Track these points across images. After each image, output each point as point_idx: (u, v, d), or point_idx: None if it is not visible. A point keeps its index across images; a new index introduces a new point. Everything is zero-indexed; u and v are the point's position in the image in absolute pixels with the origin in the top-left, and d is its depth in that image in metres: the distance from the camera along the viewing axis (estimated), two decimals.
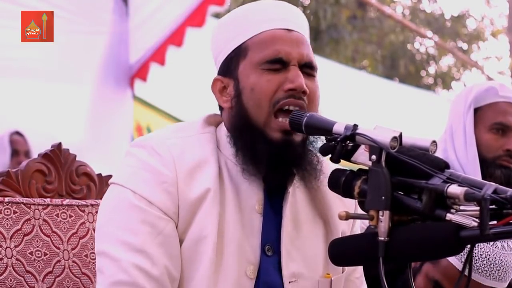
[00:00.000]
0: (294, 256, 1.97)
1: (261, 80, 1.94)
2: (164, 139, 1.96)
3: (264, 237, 1.96)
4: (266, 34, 1.98)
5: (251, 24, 2.00)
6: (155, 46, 6.46)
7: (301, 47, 1.99)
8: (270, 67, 1.95)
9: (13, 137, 5.61)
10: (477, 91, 3.05)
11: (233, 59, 1.99)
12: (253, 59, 1.96)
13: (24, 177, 2.19)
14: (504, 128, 3.01)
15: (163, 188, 1.89)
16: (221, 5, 6.46)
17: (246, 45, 1.98)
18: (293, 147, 1.93)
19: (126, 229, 1.87)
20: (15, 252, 2.08)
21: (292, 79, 1.94)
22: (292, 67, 1.95)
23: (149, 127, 6.83)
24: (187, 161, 1.93)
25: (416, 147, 1.73)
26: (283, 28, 1.99)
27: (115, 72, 6.44)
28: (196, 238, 1.90)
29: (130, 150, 1.97)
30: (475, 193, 1.59)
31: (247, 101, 1.95)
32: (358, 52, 15.83)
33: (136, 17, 6.49)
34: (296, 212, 2.00)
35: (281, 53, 1.95)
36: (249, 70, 1.97)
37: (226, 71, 2.01)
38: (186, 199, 1.90)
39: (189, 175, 1.91)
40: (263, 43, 1.97)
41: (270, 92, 1.93)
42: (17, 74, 5.79)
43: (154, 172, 1.90)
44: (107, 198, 1.97)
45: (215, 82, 2.02)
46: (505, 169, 2.99)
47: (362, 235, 1.86)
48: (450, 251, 1.67)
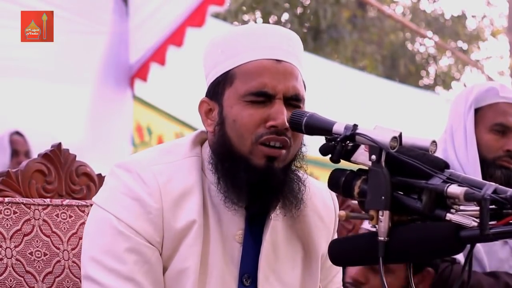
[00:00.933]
0: (271, 281, 1.98)
1: (243, 113, 1.92)
2: (150, 164, 1.93)
3: (243, 266, 1.96)
4: (254, 64, 1.94)
5: (240, 51, 1.95)
6: (155, 46, 6.47)
7: (289, 79, 1.95)
8: (254, 100, 1.92)
9: (13, 137, 5.61)
10: (478, 91, 3.05)
11: (220, 84, 1.97)
12: (238, 89, 1.93)
13: (24, 177, 2.19)
14: (505, 129, 3.01)
15: (148, 218, 1.88)
16: (221, 5, 6.46)
17: (233, 73, 1.95)
18: (275, 174, 1.92)
19: (113, 256, 1.87)
20: (15, 252, 2.08)
21: (275, 116, 1.91)
22: (277, 101, 1.92)
23: (149, 127, 6.83)
24: (173, 191, 1.91)
25: (416, 147, 1.73)
26: (272, 59, 1.95)
27: (115, 72, 6.45)
28: (179, 269, 1.90)
29: (115, 170, 1.95)
30: (475, 193, 1.59)
31: (230, 131, 1.94)
32: (358, 52, 15.82)
33: (136, 17, 6.49)
34: (276, 236, 2.00)
35: (266, 86, 1.92)
36: (233, 100, 1.94)
37: (213, 94, 1.98)
38: (171, 229, 1.89)
39: (174, 205, 1.90)
40: (250, 74, 1.93)
41: (252, 127, 1.91)
42: (17, 74, 5.80)
43: (140, 200, 1.89)
44: (91, 220, 1.95)
45: (202, 104, 2.00)
46: (505, 169, 2.99)
47: (362, 235, 1.86)
48: (450, 251, 1.67)
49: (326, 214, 2.08)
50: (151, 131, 6.82)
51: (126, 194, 1.90)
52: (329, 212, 2.09)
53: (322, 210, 2.08)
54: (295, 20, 14.41)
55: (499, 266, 2.98)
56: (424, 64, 17.77)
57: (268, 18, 14.57)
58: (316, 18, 14.17)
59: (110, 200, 1.92)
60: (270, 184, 1.92)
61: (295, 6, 14.60)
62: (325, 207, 2.09)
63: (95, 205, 1.95)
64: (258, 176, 1.91)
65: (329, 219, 2.09)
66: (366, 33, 15.91)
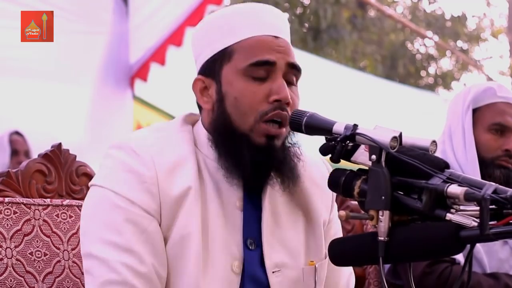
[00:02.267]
0: (276, 247, 1.99)
1: (246, 90, 1.93)
2: (142, 139, 1.96)
3: (245, 232, 1.97)
4: (254, 39, 1.96)
5: (238, 28, 1.98)
6: (155, 46, 6.47)
7: (288, 53, 1.99)
8: (255, 73, 1.94)
9: (13, 137, 5.61)
10: (476, 91, 3.05)
11: (217, 61, 1.98)
12: (238, 64, 1.95)
13: (24, 177, 2.19)
14: (503, 129, 3.02)
15: (143, 187, 1.89)
16: (219, 5, 6.46)
17: (231, 49, 1.96)
18: (275, 152, 1.94)
19: (110, 229, 1.88)
20: (15, 253, 2.08)
21: (278, 90, 1.93)
22: (278, 74, 1.95)
23: None
24: (167, 160, 1.93)
25: (416, 147, 1.73)
26: (271, 35, 1.98)
27: (115, 72, 6.45)
28: (181, 236, 1.90)
29: (108, 152, 1.97)
30: (475, 193, 1.59)
31: (230, 108, 1.95)
32: (358, 52, 15.83)
33: (136, 17, 6.49)
34: (275, 205, 2.02)
35: (268, 57, 1.95)
36: (233, 75, 1.95)
37: (209, 72, 1.99)
38: (168, 197, 1.90)
39: (169, 173, 1.91)
40: (250, 48, 1.95)
41: (256, 104, 1.93)
42: (17, 74, 5.80)
43: (134, 172, 1.90)
44: (88, 200, 1.96)
45: (196, 82, 2.01)
46: (504, 169, 2.99)
47: (362, 235, 1.86)
48: (450, 251, 1.67)
49: (321, 180, 2.08)
50: None
51: (121, 168, 1.91)
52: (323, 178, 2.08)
53: (318, 178, 2.09)
54: (295, 20, 14.41)
55: (499, 266, 2.98)
56: (424, 64, 17.77)
57: None
58: (316, 18, 14.18)
59: (105, 177, 1.94)
60: (271, 162, 1.95)
61: (295, 6, 14.60)
62: (322, 176, 2.10)
63: (92, 187, 1.96)
64: (260, 154, 1.93)
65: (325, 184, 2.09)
66: (366, 33, 15.91)
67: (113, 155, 1.95)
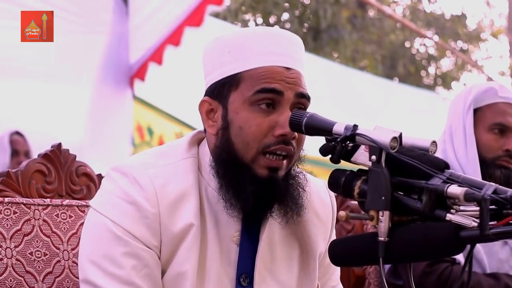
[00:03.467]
0: (268, 281, 1.97)
1: (251, 121, 1.89)
2: (146, 168, 1.92)
3: (240, 267, 1.96)
4: (264, 69, 1.92)
5: (250, 55, 1.93)
6: (155, 46, 6.47)
7: (298, 84, 1.94)
8: (261, 100, 1.90)
9: (13, 137, 5.61)
10: (477, 91, 3.06)
11: (226, 86, 1.94)
12: (245, 93, 1.91)
13: (24, 177, 2.19)
14: (504, 129, 3.02)
15: (145, 223, 1.87)
16: (219, 5, 6.46)
17: (241, 76, 1.92)
18: (278, 184, 1.92)
19: (110, 261, 1.86)
20: (15, 253, 2.08)
21: (283, 124, 1.88)
22: (285, 107, 1.91)
23: (149, 127, 6.84)
24: (170, 194, 1.90)
25: (416, 147, 1.73)
26: (283, 66, 1.93)
27: (115, 72, 6.45)
28: (177, 273, 1.89)
29: (111, 174, 1.94)
30: (475, 193, 1.59)
31: (235, 137, 1.91)
32: (358, 52, 15.82)
33: (136, 17, 6.50)
34: (272, 236, 2.00)
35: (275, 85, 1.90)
36: (239, 104, 1.91)
37: (217, 95, 1.95)
38: (169, 233, 1.89)
39: (171, 209, 1.89)
40: (258, 78, 1.91)
41: (259, 136, 1.89)
42: (17, 74, 5.80)
43: (136, 205, 1.88)
44: (89, 224, 1.94)
45: (203, 103, 1.97)
46: (504, 169, 2.99)
47: (362, 235, 1.86)
48: (450, 251, 1.67)
49: (322, 210, 2.08)
50: (152, 131, 6.82)
51: (123, 199, 1.89)
52: (325, 208, 2.09)
53: (318, 206, 2.08)
54: (295, 20, 14.41)
55: (499, 267, 2.98)
56: (424, 64, 17.77)
57: (268, 18, 14.56)
58: (316, 18, 14.17)
59: (106, 205, 1.91)
60: (273, 194, 1.92)
61: (295, 6, 14.59)
62: (322, 203, 2.09)
63: (92, 209, 1.95)
64: (262, 186, 1.90)
65: (326, 215, 2.09)
66: (366, 33, 15.90)
67: (115, 180, 1.92)
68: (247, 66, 1.92)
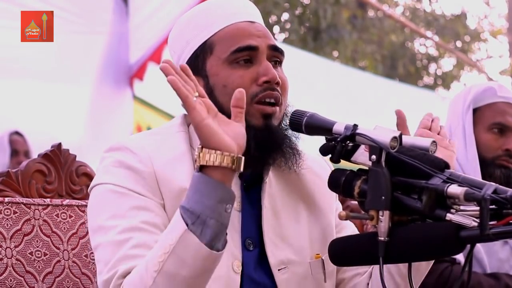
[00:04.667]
0: (279, 245, 1.97)
1: (233, 76, 1.94)
2: (138, 140, 1.96)
3: (244, 232, 1.96)
4: (231, 27, 1.98)
5: (214, 19, 1.99)
6: (154, 46, 6.48)
7: (267, 36, 2.00)
8: (239, 58, 1.95)
9: (13, 137, 5.61)
10: (476, 91, 3.06)
11: (199, 57, 1.99)
12: (221, 54, 1.96)
13: (24, 177, 2.19)
14: (503, 128, 3.02)
15: (144, 183, 1.88)
16: None
17: (211, 41, 1.98)
18: (275, 131, 1.94)
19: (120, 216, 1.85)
20: (15, 252, 2.08)
21: (265, 72, 1.94)
22: (262, 57, 1.96)
23: (149, 127, 6.84)
24: (163, 156, 1.92)
25: (416, 147, 1.73)
26: (246, 21, 2.00)
27: (115, 72, 6.45)
28: None
29: (103, 155, 1.96)
30: (475, 193, 1.59)
31: (221, 97, 1.94)
32: (358, 52, 15.83)
33: (136, 17, 6.50)
34: (274, 201, 2.00)
35: (249, 41, 1.96)
36: (218, 66, 1.96)
37: (193, 69, 1.95)
38: (169, 190, 1.89)
39: (166, 167, 1.91)
40: (229, 37, 1.97)
41: (245, 87, 1.90)
42: (17, 74, 5.80)
43: (132, 168, 1.89)
44: (91, 201, 1.94)
45: None
46: (504, 169, 2.99)
47: (362, 235, 1.86)
48: (450, 251, 1.67)
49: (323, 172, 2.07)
50: None
51: (118, 166, 1.90)
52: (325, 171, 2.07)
53: (317, 169, 2.09)
54: (295, 20, 14.40)
55: (499, 266, 2.98)
56: (424, 64, 17.77)
57: (268, 18, 14.56)
58: (316, 18, 14.16)
59: (106, 175, 1.91)
60: (272, 141, 1.94)
61: (295, 6, 14.58)
62: (321, 167, 2.10)
63: (93, 188, 1.94)
64: (259, 135, 1.92)
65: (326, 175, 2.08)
66: (366, 33, 15.90)
67: (108, 157, 1.94)
68: (213, 30, 1.99)
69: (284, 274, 1.96)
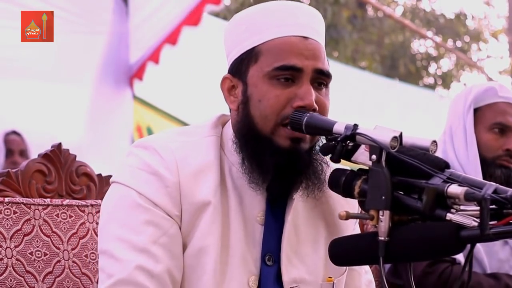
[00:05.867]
0: (294, 263, 1.95)
1: (270, 93, 1.89)
2: (167, 142, 1.93)
3: (265, 247, 1.94)
4: (281, 40, 1.91)
5: (266, 27, 1.92)
6: (154, 45, 6.48)
7: (317, 56, 1.92)
8: (280, 75, 1.89)
9: (8, 136, 5.60)
10: (477, 91, 3.06)
11: (244, 61, 1.93)
12: (264, 66, 1.90)
13: (24, 177, 2.19)
14: (504, 128, 3.03)
15: (166, 192, 1.87)
16: (218, 4, 6.46)
17: (259, 49, 1.92)
18: (301, 156, 1.90)
19: (130, 228, 1.85)
20: (15, 252, 2.08)
21: (302, 96, 1.88)
22: (305, 79, 1.89)
23: (149, 127, 6.84)
24: (190, 165, 1.89)
25: (416, 147, 1.73)
26: (299, 36, 1.92)
27: (115, 72, 6.45)
28: (199, 247, 1.88)
29: (132, 150, 1.95)
30: (475, 193, 1.59)
31: (254, 110, 1.91)
32: (358, 52, 15.82)
33: (136, 17, 6.49)
34: (297, 218, 1.98)
35: (294, 61, 1.89)
36: (258, 77, 1.91)
37: (236, 71, 1.95)
38: (189, 204, 1.88)
39: (192, 179, 1.89)
40: (276, 51, 1.90)
41: (278, 107, 1.88)
42: (17, 74, 5.80)
43: (157, 174, 1.88)
44: (109, 197, 1.94)
45: (225, 80, 1.98)
46: (505, 168, 2.99)
47: (362, 235, 1.86)
48: (450, 251, 1.67)
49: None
50: (151, 131, 6.82)
51: (144, 169, 1.89)
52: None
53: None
54: None
55: (499, 267, 2.98)
56: (424, 64, 17.77)
57: None
58: None
59: (129, 176, 1.91)
60: (296, 166, 1.90)
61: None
62: None
63: (114, 184, 1.93)
64: (284, 157, 1.89)
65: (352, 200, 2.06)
66: (366, 33, 15.90)
67: (137, 154, 1.92)
68: (263, 38, 1.92)
69: None
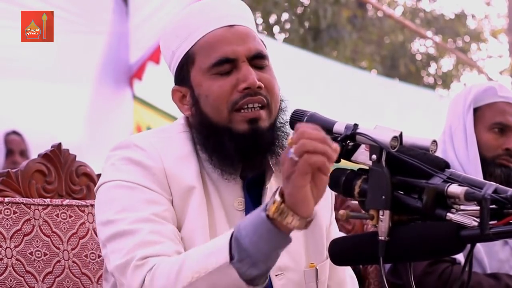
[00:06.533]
0: None
1: (214, 86, 1.94)
2: (145, 137, 1.98)
3: None
4: (209, 36, 1.97)
5: (193, 28, 1.99)
6: (154, 46, 6.48)
7: (247, 40, 1.98)
8: (219, 71, 1.95)
9: (9, 136, 5.61)
10: (476, 91, 3.06)
11: (184, 68, 2.00)
12: (201, 65, 1.97)
13: (24, 177, 2.19)
14: (504, 128, 3.03)
15: (154, 179, 1.89)
16: None
17: (192, 51, 1.98)
18: (261, 135, 1.94)
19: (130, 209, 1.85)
20: (15, 252, 2.08)
21: (244, 78, 1.94)
22: (242, 64, 1.95)
23: (149, 127, 6.84)
24: (171, 154, 1.94)
25: (416, 146, 1.73)
26: (225, 26, 1.98)
27: (115, 72, 6.45)
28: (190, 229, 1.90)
29: (110, 154, 1.96)
30: (475, 192, 1.59)
31: (205, 107, 1.96)
32: (358, 52, 15.82)
33: (136, 17, 6.50)
34: None
35: (227, 53, 1.95)
36: (199, 77, 1.97)
37: (181, 80, 2.01)
38: (177, 187, 1.91)
39: (175, 165, 1.92)
40: (208, 47, 1.97)
41: (225, 95, 1.93)
42: (17, 74, 5.80)
43: (142, 165, 1.90)
44: (99, 198, 1.94)
45: (174, 92, 2.04)
46: (505, 168, 3.00)
47: (363, 234, 1.86)
48: (450, 250, 1.67)
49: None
50: None
51: (128, 163, 1.91)
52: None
53: None
54: (295, 20, 14.41)
55: (500, 267, 2.98)
56: (424, 64, 17.77)
57: (268, 18, 14.57)
58: (316, 18, 14.16)
59: (112, 173, 1.92)
60: (258, 146, 1.93)
61: (295, 6, 14.58)
62: None
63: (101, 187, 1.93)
64: (242, 140, 1.93)
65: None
66: (366, 33, 15.90)
67: (115, 155, 1.94)
68: (193, 39, 1.98)
69: (280, 280, 1.97)
